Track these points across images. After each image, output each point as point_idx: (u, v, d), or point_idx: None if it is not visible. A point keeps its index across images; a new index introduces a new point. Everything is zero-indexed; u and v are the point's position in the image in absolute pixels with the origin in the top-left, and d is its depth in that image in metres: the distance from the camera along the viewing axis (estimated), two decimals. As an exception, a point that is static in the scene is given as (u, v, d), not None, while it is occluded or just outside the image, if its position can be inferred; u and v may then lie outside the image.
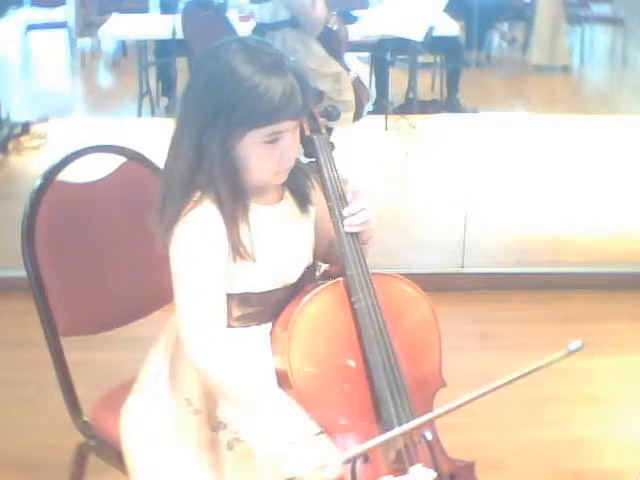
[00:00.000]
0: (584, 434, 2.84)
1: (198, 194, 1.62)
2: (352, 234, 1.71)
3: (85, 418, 2.01)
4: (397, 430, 1.61)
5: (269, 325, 1.70)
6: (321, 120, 1.78)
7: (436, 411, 1.63)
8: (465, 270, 3.93)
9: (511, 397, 2.59)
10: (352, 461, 1.59)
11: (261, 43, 1.64)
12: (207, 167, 1.61)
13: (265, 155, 1.61)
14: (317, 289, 1.70)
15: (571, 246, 4.14)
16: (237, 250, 1.63)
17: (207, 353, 1.61)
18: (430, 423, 1.73)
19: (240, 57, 1.58)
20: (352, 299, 1.69)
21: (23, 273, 1.96)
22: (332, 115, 1.79)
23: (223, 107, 1.57)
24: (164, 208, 1.64)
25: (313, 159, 1.77)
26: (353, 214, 1.71)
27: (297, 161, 1.71)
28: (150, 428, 1.75)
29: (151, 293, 2.07)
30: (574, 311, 3.64)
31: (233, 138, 1.59)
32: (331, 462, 1.54)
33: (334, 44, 4.26)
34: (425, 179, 5.18)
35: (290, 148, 1.64)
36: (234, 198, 1.62)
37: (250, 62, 1.57)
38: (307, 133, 1.76)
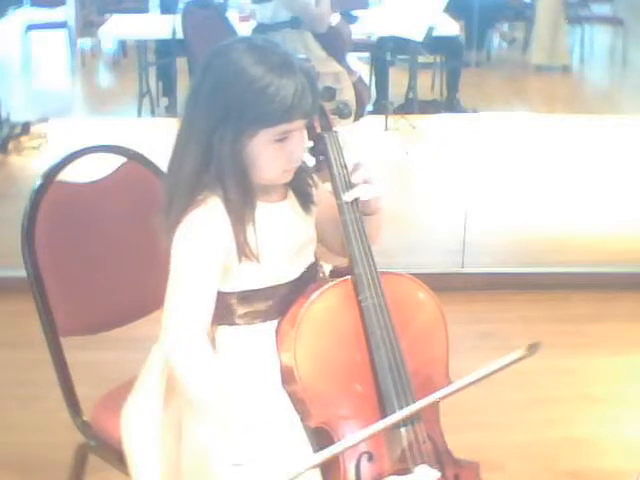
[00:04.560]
0: (584, 434, 2.84)
1: (205, 193, 1.63)
2: (360, 232, 1.71)
3: (85, 418, 2.01)
4: (355, 437, 1.60)
5: (274, 323, 1.70)
6: (332, 118, 1.77)
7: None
8: (465, 270, 3.93)
9: (511, 398, 2.59)
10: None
11: (268, 43, 1.64)
12: (216, 167, 1.61)
13: (275, 154, 1.62)
14: (325, 287, 1.70)
15: (571, 246, 4.14)
16: (243, 251, 1.63)
17: (182, 354, 1.62)
18: (435, 421, 1.74)
19: (249, 57, 1.58)
20: (359, 297, 1.69)
21: (23, 273, 1.96)
22: (344, 112, 1.78)
23: (234, 108, 1.57)
24: (170, 207, 1.64)
25: (320, 157, 1.77)
26: (354, 185, 1.71)
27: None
28: (151, 428, 1.75)
29: (151, 293, 2.06)
30: (574, 311, 3.64)
31: (244, 138, 1.59)
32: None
33: (338, 43, 4.27)
34: (425, 179, 5.19)
35: (298, 146, 1.64)
36: (242, 198, 1.62)
37: (260, 63, 1.57)
38: (318, 130, 1.75)
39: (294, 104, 1.57)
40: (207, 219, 1.62)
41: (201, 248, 1.62)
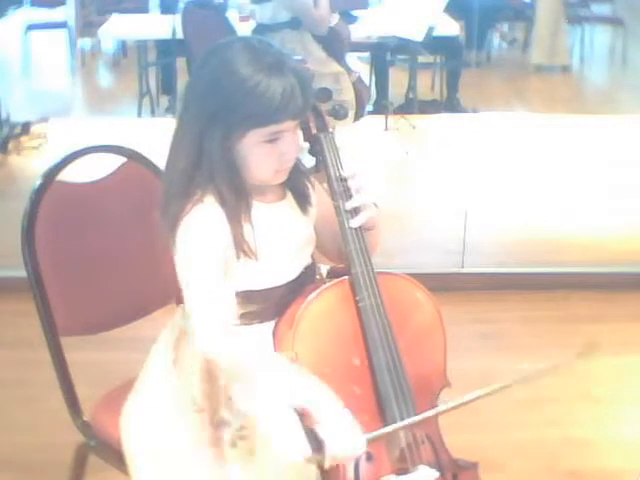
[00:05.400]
0: (584, 434, 2.84)
1: (200, 192, 1.63)
2: (357, 232, 1.71)
3: (85, 418, 2.01)
4: (416, 418, 1.61)
5: (271, 323, 1.71)
6: (328, 119, 1.77)
7: (442, 407, 1.63)
8: (465, 270, 3.93)
9: (511, 397, 2.59)
10: (376, 440, 1.58)
11: (264, 43, 1.64)
12: (207, 165, 1.61)
13: (265, 154, 1.62)
14: (322, 287, 1.70)
15: (571, 246, 4.14)
16: (241, 248, 1.63)
17: (222, 343, 1.60)
18: (434, 422, 1.74)
19: (242, 57, 1.58)
20: (357, 298, 1.69)
21: (23, 273, 1.96)
22: (339, 113, 1.79)
23: (224, 107, 1.58)
24: (167, 206, 1.65)
25: (319, 157, 1.76)
26: (349, 190, 1.71)
27: (297, 162, 1.71)
28: (151, 427, 1.75)
29: (151, 293, 2.07)
30: (574, 311, 3.64)
31: (233, 138, 1.60)
32: (356, 438, 1.54)
33: (337, 43, 4.27)
34: (425, 179, 5.18)
35: (290, 147, 1.64)
36: (236, 196, 1.63)
37: (251, 63, 1.57)
38: (314, 131, 1.76)
39: (282, 105, 1.57)
40: (204, 218, 1.62)
41: (204, 246, 1.62)
